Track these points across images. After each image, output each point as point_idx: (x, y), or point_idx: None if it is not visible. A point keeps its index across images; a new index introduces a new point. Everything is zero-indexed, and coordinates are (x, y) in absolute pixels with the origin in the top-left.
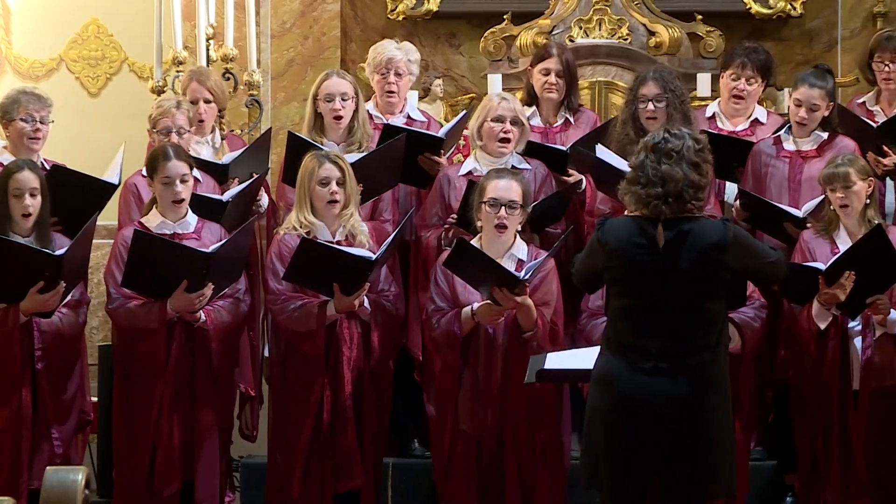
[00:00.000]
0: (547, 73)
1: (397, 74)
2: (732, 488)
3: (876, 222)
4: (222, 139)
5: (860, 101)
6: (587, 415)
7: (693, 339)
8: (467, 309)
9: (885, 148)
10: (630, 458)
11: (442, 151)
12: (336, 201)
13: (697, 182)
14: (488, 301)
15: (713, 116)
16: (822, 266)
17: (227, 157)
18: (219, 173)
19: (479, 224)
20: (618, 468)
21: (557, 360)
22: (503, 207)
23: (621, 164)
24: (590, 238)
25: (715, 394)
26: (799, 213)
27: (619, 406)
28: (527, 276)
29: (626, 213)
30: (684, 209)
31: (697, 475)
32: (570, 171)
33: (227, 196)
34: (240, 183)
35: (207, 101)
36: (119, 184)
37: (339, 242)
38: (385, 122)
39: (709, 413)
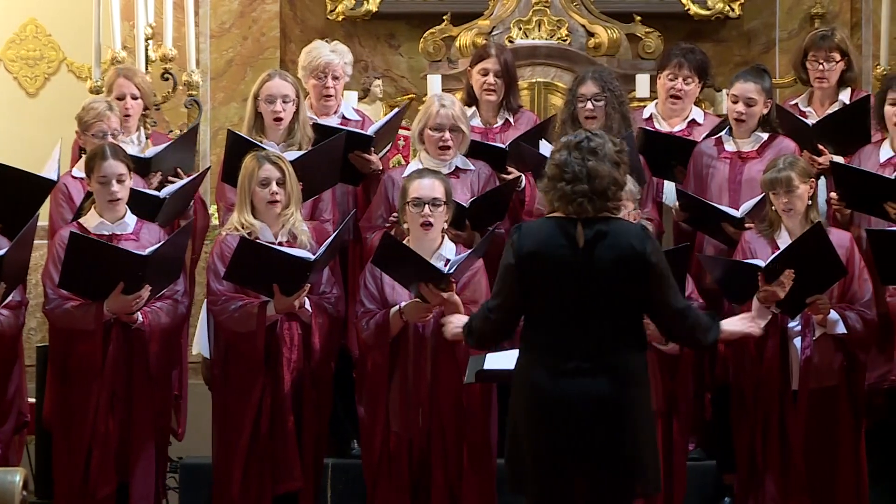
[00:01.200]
0: (485, 73)
1: (334, 78)
2: (658, 485)
3: (816, 221)
4: (147, 137)
5: (792, 102)
6: (510, 419)
7: (613, 338)
8: (395, 308)
9: (821, 147)
10: (556, 461)
11: (373, 149)
12: (277, 202)
13: (620, 181)
14: (416, 299)
15: (650, 117)
16: (761, 264)
17: (150, 151)
18: (140, 166)
19: (405, 226)
20: (544, 471)
21: (497, 361)
22: (426, 206)
23: None
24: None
25: (637, 391)
26: (737, 214)
27: (542, 408)
28: (451, 271)
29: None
30: (605, 208)
31: (624, 474)
32: (510, 169)
33: (164, 193)
34: (163, 177)
35: (134, 98)
36: (57, 180)
37: (280, 243)
38: (317, 121)
39: (632, 411)
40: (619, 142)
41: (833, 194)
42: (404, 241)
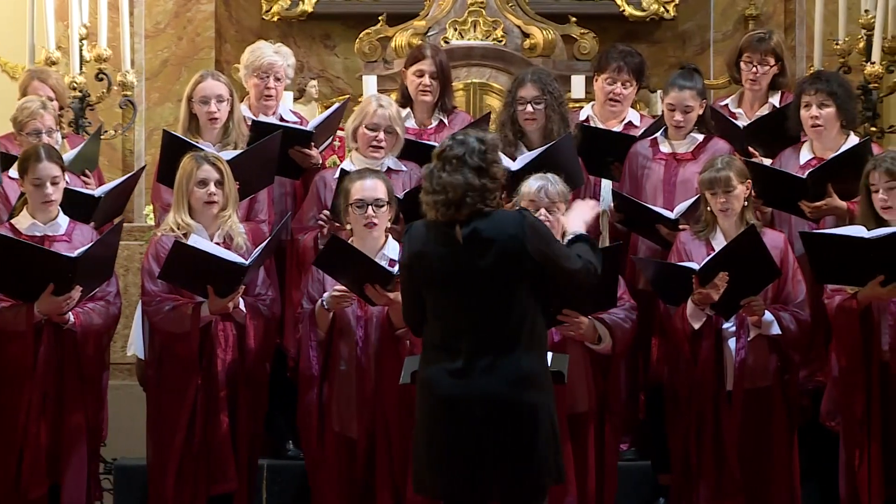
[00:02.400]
0: (421, 74)
1: (276, 79)
2: (561, 475)
3: (752, 223)
4: (63, 138)
5: (723, 103)
6: (416, 423)
7: (503, 335)
8: (318, 303)
9: (751, 149)
10: (453, 462)
11: (313, 144)
12: (214, 202)
13: (481, 186)
14: (335, 289)
15: (587, 119)
16: (695, 266)
17: (66, 156)
18: None
19: (349, 227)
20: (444, 472)
21: None
22: (370, 207)
23: (505, 161)
24: None
25: (532, 389)
26: (671, 215)
27: (437, 409)
28: (398, 272)
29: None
30: (473, 209)
31: (525, 472)
32: None
33: (99, 192)
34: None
35: (50, 99)
36: None
37: (217, 244)
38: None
39: (527, 409)
40: (487, 141)
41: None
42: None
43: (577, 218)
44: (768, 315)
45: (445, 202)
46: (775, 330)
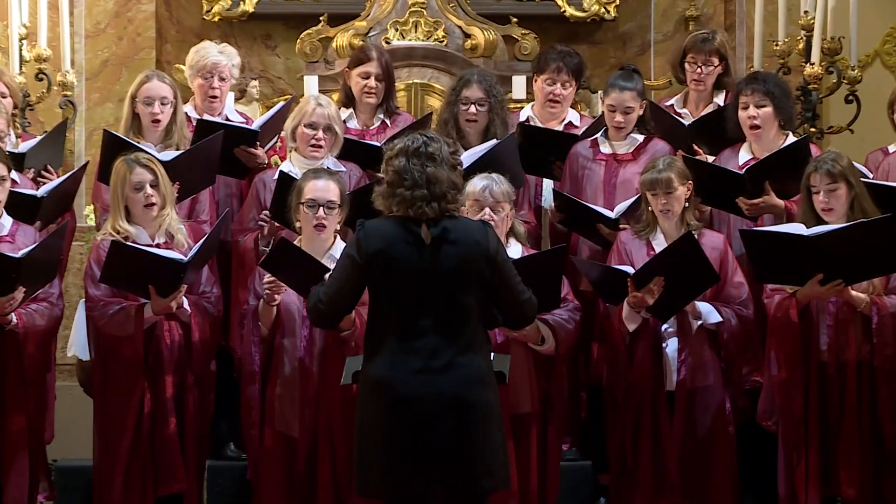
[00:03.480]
0: (366, 76)
1: (221, 79)
2: (507, 481)
3: (693, 224)
4: (17, 137)
5: (668, 103)
6: (359, 423)
7: (461, 336)
8: (261, 300)
9: (696, 147)
10: (410, 461)
11: (258, 143)
12: (153, 204)
13: (458, 184)
14: (266, 280)
15: (527, 120)
16: (631, 270)
17: (23, 146)
18: (15, 161)
19: (297, 225)
20: (398, 473)
21: None
22: (321, 208)
23: None
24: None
25: (485, 390)
26: (611, 215)
27: (394, 410)
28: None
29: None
30: (446, 210)
31: (476, 472)
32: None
33: (41, 192)
34: (36, 174)
35: (3, 96)
36: None
37: (158, 245)
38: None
39: (481, 409)
40: (452, 143)
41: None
42: (295, 242)
43: None
44: (706, 305)
45: (429, 196)
46: (715, 318)
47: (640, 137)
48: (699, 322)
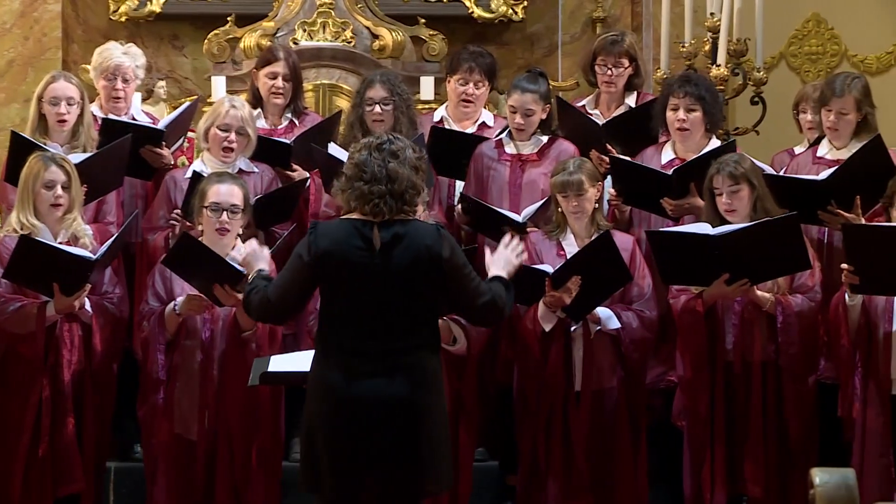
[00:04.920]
0: (274, 77)
1: (125, 80)
2: (450, 482)
3: (603, 224)
4: None
5: (580, 104)
6: (306, 422)
7: (409, 339)
8: (170, 306)
9: (609, 147)
10: (352, 461)
11: (164, 143)
12: (60, 205)
13: (419, 186)
14: (190, 293)
15: (441, 121)
16: (550, 269)
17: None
18: None
19: (200, 227)
20: (340, 471)
21: (281, 363)
22: (225, 212)
23: None
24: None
25: (432, 393)
26: (518, 218)
27: (340, 410)
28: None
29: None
30: (402, 210)
31: (419, 473)
32: (295, 167)
33: None
34: None
35: None
36: None
37: (61, 244)
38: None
39: (427, 412)
40: (418, 148)
41: (611, 190)
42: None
43: (500, 261)
44: (606, 310)
45: (386, 193)
46: (614, 324)
47: (545, 138)
48: (598, 327)
